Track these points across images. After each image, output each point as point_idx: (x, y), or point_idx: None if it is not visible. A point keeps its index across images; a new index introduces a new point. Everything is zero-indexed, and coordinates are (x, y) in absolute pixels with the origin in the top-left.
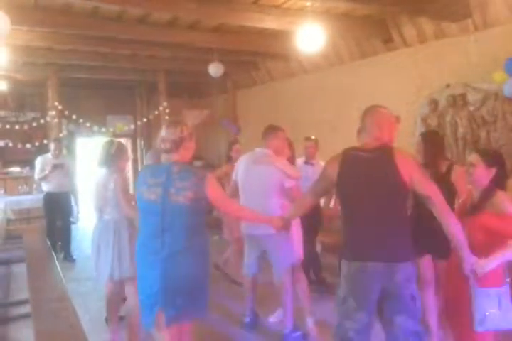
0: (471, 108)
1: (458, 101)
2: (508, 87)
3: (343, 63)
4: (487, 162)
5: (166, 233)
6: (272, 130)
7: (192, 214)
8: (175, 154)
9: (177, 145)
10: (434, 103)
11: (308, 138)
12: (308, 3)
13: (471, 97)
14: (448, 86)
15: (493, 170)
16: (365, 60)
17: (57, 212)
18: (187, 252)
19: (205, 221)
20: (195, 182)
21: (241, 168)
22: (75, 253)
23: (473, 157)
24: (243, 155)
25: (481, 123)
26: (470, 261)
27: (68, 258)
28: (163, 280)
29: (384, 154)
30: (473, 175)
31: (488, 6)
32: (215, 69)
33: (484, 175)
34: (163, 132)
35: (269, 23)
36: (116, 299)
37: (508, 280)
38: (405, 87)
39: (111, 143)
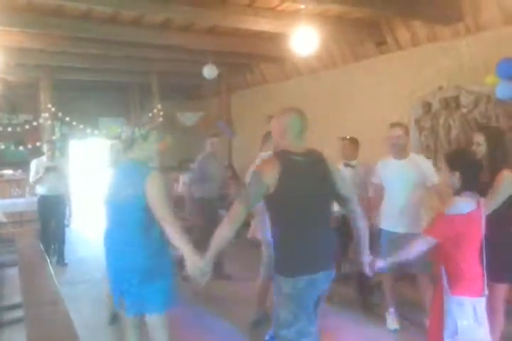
0: (464, 110)
1: (451, 103)
2: (500, 90)
3: (336, 66)
4: (450, 166)
5: (117, 227)
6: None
7: (137, 210)
8: (129, 153)
9: (127, 145)
10: (427, 105)
11: (342, 138)
12: (302, 6)
13: (464, 100)
14: (441, 88)
15: (457, 174)
16: (358, 63)
17: (51, 215)
18: (134, 246)
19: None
20: (137, 179)
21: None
22: (69, 256)
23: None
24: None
25: (474, 126)
26: (364, 260)
27: (60, 262)
28: (116, 270)
29: (317, 158)
30: (443, 180)
31: (481, 10)
32: (209, 72)
33: (449, 179)
34: None
35: (263, 25)
36: None
37: (486, 293)
38: (398, 89)
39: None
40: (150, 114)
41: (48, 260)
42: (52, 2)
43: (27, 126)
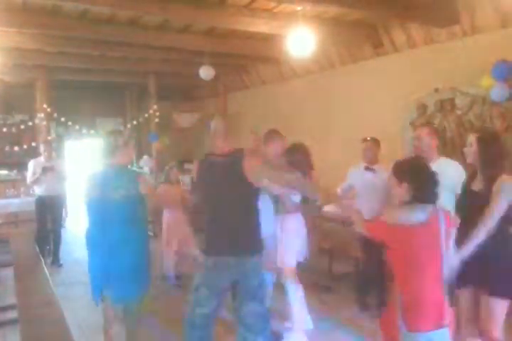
0: (459, 112)
1: (446, 105)
2: (496, 92)
3: (333, 67)
4: (397, 177)
5: (105, 226)
6: (273, 135)
7: (125, 209)
8: (111, 159)
9: (109, 151)
10: (422, 107)
11: (364, 139)
12: (299, 8)
13: (459, 102)
14: (436, 90)
15: (405, 185)
16: (355, 65)
17: (48, 216)
18: (124, 242)
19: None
20: (127, 180)
21: None
22: (64, 257)
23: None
24: None
25: (469, 128)
26: None
27: (56, 263)
28: (105, 266)
29: (235, 158)
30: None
31: (476, 12)
32: (205, 72)
33: (398, 192)
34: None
35: (260, 26)
36: None
37: (447, 321)
38: (394, 91)
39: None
40: (146, 115)
41: (43, 261)
42: (48, 2)
43: (22, 126)
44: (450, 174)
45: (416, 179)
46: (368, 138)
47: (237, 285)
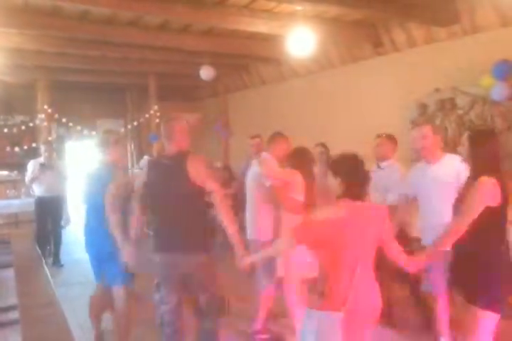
0: (460, 112)
1: (446, 105)
2: (496, 91)
3: (333, 67)
4: (332, 171)
5: (97, 219)
6: (278, 137)
7: None
8: (104, 156)
9: (103, 149)
10: (422, 107)
11: (377, 135)
12: (299, 8)
13: (460, 101)
14: (437, 90)
15: (339, 180)
16: (355, 64)
17: (48, 216)
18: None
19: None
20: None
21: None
22: (64, 258)
23: None
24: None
25: (470, 127)
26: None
27: (56, 263)
28: (97, 255)
29: (179, 160)
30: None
31: (476, 12)
32: (206, 73)
33: (334, 186)
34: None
35: (260, 26)
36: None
37: (343, 309)
38: (395, 90)
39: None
40: (147, 115)
41: (44, 261)
42: (49, 3)
43: (23, 127)
44: (450, 168)
45: (347, 175)
46: (383, 135)
47: (187, 280)
